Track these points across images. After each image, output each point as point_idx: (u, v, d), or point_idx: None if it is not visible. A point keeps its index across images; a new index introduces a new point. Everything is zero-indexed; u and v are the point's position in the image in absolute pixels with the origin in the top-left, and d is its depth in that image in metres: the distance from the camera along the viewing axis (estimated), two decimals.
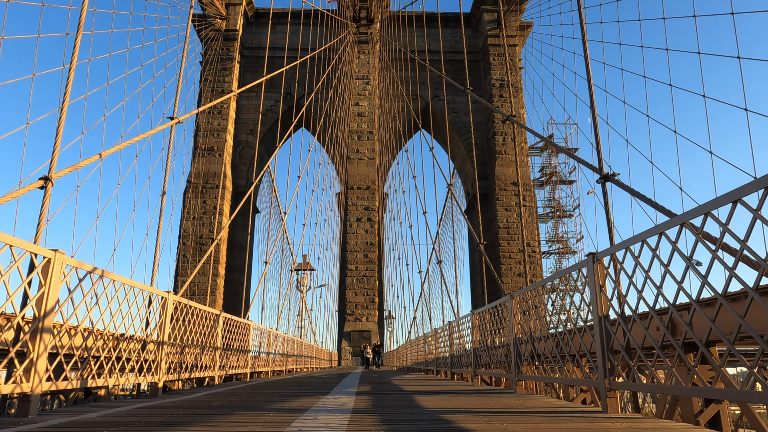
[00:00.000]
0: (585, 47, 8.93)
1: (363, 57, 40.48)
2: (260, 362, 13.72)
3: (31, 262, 3.81)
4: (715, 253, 2.82)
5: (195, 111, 14.95)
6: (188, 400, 5.38)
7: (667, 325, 3.70)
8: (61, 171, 7.20)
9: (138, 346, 6.00)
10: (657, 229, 3.30)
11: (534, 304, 6.11)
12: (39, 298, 3.84)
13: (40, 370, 3.82)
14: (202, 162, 35.78)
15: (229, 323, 10.26)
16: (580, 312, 4.65)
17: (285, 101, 38.34)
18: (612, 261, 4.01)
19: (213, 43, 38.14)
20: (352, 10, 40.21)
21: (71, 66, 7.83)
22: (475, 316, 9.25)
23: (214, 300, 33.17)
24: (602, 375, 4.01)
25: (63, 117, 7.39)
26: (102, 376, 5.12)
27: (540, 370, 5.99)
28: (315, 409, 4.30)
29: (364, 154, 38.13)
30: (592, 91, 8.18)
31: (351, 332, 34.14)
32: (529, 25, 39.69)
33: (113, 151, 9.13)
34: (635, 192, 7.37)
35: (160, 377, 6.27)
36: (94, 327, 4.85)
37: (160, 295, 6.43)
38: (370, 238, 36.22)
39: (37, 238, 6.26)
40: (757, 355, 2.67)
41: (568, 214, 43.67)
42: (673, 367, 3.28)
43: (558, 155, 44.20)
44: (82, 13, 8.28)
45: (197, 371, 8.12)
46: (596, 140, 7.67)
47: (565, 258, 42.74)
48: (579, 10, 9.25)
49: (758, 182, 2.42)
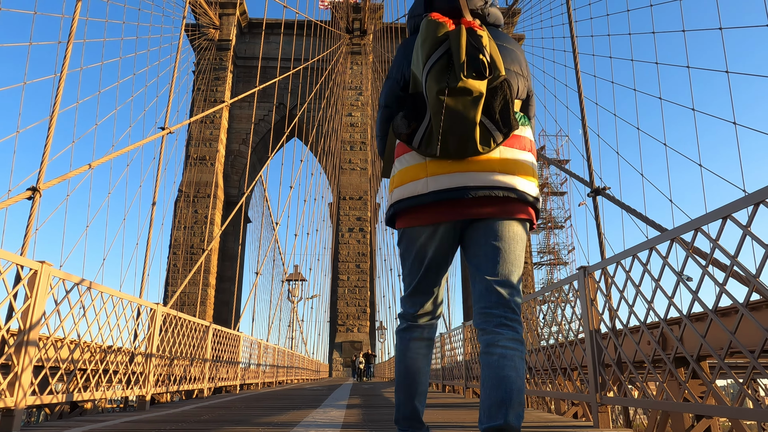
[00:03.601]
0: (576, 60, 9.00)
1: (356, 68, 40.66)
2: (250, 374, 13.61)
3: (17, 273, 3.76)
4: (705, 269, 2.83)
5: (187, 121, 14.91)
6: (176, 413, 5.31)
7: (658, 340, 3.70)
8: (49, 181, 7.14)
9: (126, 358, 5.93)
10: (648, 243, 3.30)
11: (525, 316, 6.10)
12: (25, 311, 3.78)
13: (25, 384, 3.75)
14: (193, 171, 35.68)
15: (219, 335, 10.18)
16: (571, 325, 4.64)
17: (278, 111, 38.41)
18: (603, 275, 4.01)
19: (206, 53, 38.19)
20: (345, 22, 40.42)
21: (62, 75, 7.79)
22: (467, 328, 9.23)
23: (204, 310, 32.94)
24: (593, 389, 4.00)
25: (53, 126, 7.34)
26: (88, 390, 5.05)
27: (531, 384, 5.97)
28: (305, 423, 4.25)
29: (356, 164, 38.19)
30: (583, 104, 8.24)
31: (342, 343, 33.98)
32: (521, 38, 40.07)
33: (103, 161, 9.07)
34: (626, 206, 7.40)
35: (148, 390, 6.19)
36: (81, 339, 4.78)
37: (149, 306, 6.36)
38: (362, 248, 36.18)
39: (24, 249, 6.19)
40: (748, 369, 2.66)
41: (560, 226, 43.88)
42: (664, 382, 3.28)
43: (549, 167, 44.47)
44: (74, 21, 8.26)
45: (186, 383, 8.03)
46: (587, 154, 7.71)
47: (557, 269, 42.89)
48: (570, 24, 9.34)
49: (748, 198, 2.43)
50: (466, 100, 1.63)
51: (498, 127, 1.72)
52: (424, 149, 1.77)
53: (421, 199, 1.80)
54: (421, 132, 1.76)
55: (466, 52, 1.62)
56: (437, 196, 1.76)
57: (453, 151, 1.73)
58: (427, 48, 1.67)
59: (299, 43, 36.70)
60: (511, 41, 1.97)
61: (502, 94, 1.70)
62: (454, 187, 1.75)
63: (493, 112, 1.71)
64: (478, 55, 1.62)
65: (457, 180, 1.75)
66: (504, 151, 1.80)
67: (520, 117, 1.91)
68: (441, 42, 1.66)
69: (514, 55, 1.93)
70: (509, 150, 1.81)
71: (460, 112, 1.65)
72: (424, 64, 1.68)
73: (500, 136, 1.74)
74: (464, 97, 1.62)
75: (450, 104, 1.63)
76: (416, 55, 1.76)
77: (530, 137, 1.93)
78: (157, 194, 10.51)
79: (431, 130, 1.71)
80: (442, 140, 1.70)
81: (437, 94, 1.63)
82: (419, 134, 1.76)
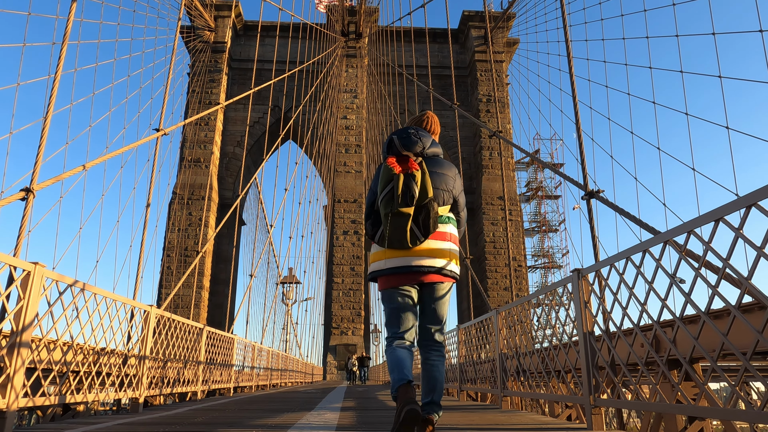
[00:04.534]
0: (570, 64, 9.05)
1: (351, 71, 40.68)
2: (244, 377, 13.56)
3: (10, 275, 3.74)
4: (698, 271, 2.85)
5: (182, 123, 14.87)
6: (170, 416, 5.29)
7: (651, 342, 3.72)
8: (43, 182, 7.11)
9: (119, 360, 5.90)
10: (641, 246, 3.32)
11: (519, 319, 6.11)
12: (17, 312, 3.76)
13: (17, 386, 3.73)
14: (188, 173, 35.57)
15: (213, 337, 10.15)
16: (565, 327, 4.65)
17: (273, 114, 38.35)
18: (597, 277, 4.03)
19: (201, 55, 38.11)
20: (340, 25, 40.47)
21: (56, 75, 7.77)
22: (461, 331, 9.24)
23: (198, 313, 32.81)
24: (587, 391, 4.01)
25: (47, 127, 7.31)
26: (81, 392, 5.02)
27: (526, 386, 5.98)
28: (299, 425, 4.25)
29: (351, 167, 38.18)
30: (577, 108, 8.28)
31: (337, 346, 33.91)
32: (516, 42, 40.22)
33: (97, 162, 9.04)
34: (620, 209, 7.44)
35: (141, 392, 6.16)
36: (74, 341, 4.76)
37: (143, 308, 6.34)
38: (357, 251, 36.15)
39: (17, 250, 6.16)
40: (740, 371, 2.68)
41: (554, 229, 44.02)
42: (658, 384, 3.29)
43: (544, 170, 44.61)
44: (69, 22, 8.24)
45: (180, 386, 8.00)
46: (581, 157, 7.74)
47: (551, 272, 42.99)
48: (564, 28, 9.38)
49: (740, 201, 2.45)
50: (400, 219, 2.75)
51: (421, 232, 2.80)
52: (381, 243, 2.89)
53: (383, 272, 2.94)
54: (379, 233, 2.89)
55: (401, 190, 2.74)
56: (391, 270, 2.89)
57: (396, 245, 2.83)
58: (382, 184, 2.82)
59: (294, 45, 36.66)
60: (444, 166, 3.02)
61: (425, 211, 2.77)
62: (399, 266, 2.87)
63: (419, 222, 2.78)
64: (408, 192, 2.74)
65: (400, 261, 2.87)
66: (431, 243, 2.89)
67: (445, 218, 3.00)
68: (390, 180, 2.78)
69: (444, 177, 2.98)
70: (435, 242, 2.90)
71: (397, 225, 2.76)
72: (379, 194, 2.82)
73: (423, 237, 2.80)
74: (399, 217, 2.75)
75: (392, 220, 2.77)
76: (377, 184, 2.88)
77: (451, 231, 3.02)
78: (152, 196, 10.48)
79: (383, 233, 2.83)
80: (389, 239, 2.82)
81: (384, 215, 2.80)
82: (378, 235, 2.90)
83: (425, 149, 3.00)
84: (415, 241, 2.79)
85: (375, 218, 2.93)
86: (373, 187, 2.98)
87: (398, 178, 2.75)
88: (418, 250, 2.84)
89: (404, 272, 2.87)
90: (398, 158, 2.90)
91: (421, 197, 2.76)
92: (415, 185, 2.74)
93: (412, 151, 2.95)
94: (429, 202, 2.76)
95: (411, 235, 2.78)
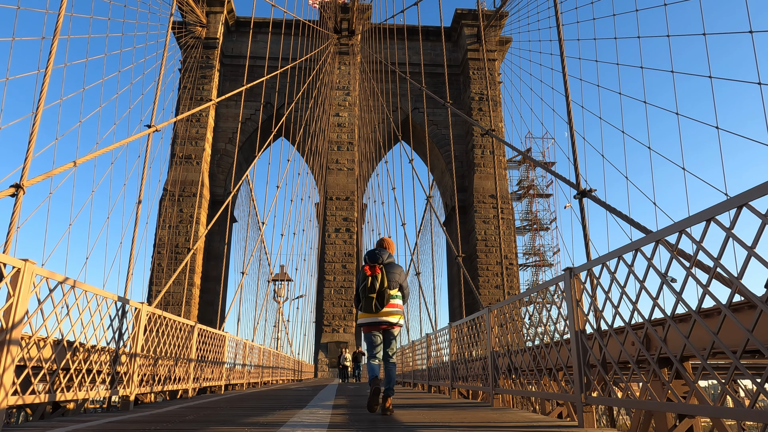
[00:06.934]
0: (563, 64, 9.07)
1: (344, 68, 40.57)
2: (235, 374, 13.53)
3: (0, 272, 3.70)
4: (689, 270, 2.87)
5: (173, 119, 14.80)
6: (160, 414, 5.26)
7: (642, 341, 3.74)
8: (33, 178, 7.04)
9: (110, 358, 5.86)
10: (633, 245, 3.34)
11: (511, 317, 6.13)
12: (7, 309, 3.73)
13: (7, 384, 3.70)
14: (179, 170, 35.35)
15: (204, 334, 10.11)
16: (557, 326, 4.68)
17: (265, 110, 38.18)
18: (589, 276, 4.05)
19: (193, 51, 37.86)
20: (333, 22, 40.35)
21: (47, 70, 7.69)
22: (452, 329, 9.24)
23: (189, 310, 32.66)
24: (578, 389, 4.03)
25: (37, 122, 7.24)
26: (71, 390, 4.98)
27: (517, 384, 6.01)
28: (291, 423, 4.24)
29: (343, 164, 38.10)
30: (569, 108, 8.31)
31: (328, 343, 33.88)
32: (508, 41, 40.29)
33: (88, 158, 8.96)
34: (611, 208, 7.48)
35: (131, 390, 6.13)
36: (64, 339, 4.72)
37: (134, 306, 6.30)
38: (349, 248, 36.11)
39: (7, 247, 6.10)
40: (730, 370, 2.70)
41: (545, 227, 44.16)
42: (648, 382, 3.31)
43: (535, 169, 44.74)
44: (60, 17, 8.15)
45: (171, 384, 7.96)
46: (574, 157, 7.77)
47: (542, 270, 43.15)
48: (557, 27, 9.40)
49: (731, 201, 2.47)
50: (370, 299, 5.13)
51: (381, 304, 5.13)
52: (361, 309, 5.26)
53: (363, 324, 5.30)
54: (361, 305, 5.24)
55: (370, 284, 5.13)
56: (367, 324, 5.29)
57: (369, 311, 5.19)
58: (359, 280, 5.28)
59: (287, 42, 36.47)
60: (395, 268, 5.35)
61: (382, 293, 5.13)
62: (371, 321, 5.25)
63: (380, 299, 5.12)
64: (373, 285, 5.13)
65: (371, 319, 5.24)
66: (386, 309, 5.21)
67: (394, 295, 5.28)
68: (365, 279, 5.17)
69: (394, 275, 5.30)
70: (390, 308, 5.24)
71: (368, 302, 5.15)
72: (358, 286, 5.29)
73: (381, 307, 5.13)
74: (369, 297, 5.14)
75: (365, 298, 5.16)
76: (359, 281, 5.30)
77: (398, 302, 5.33)
78: (143, 192, 10.41)
79: (362, 305, 5.22)
80: (365, 308, 5.21)
81: (363, 296, 5.20)
82: (360, 305, 5.26)
83: (384, 261, 5.31)
84: (378, 309, 5.14)
85: (357, 298, 5.29)
86: (357, 282, 5.36)
87: (368, 278, 5.15)
88: (379, 313, 5.20)
89: (374, 325, 5.26)
90: (369, 266, 5.20)
91: (381, 287, 5.13)
92: (376, 282, 5.13)
93: (377, 262, 5.27)
94: (384, 290, 5.13)
95: (375, 306, 5.13)
